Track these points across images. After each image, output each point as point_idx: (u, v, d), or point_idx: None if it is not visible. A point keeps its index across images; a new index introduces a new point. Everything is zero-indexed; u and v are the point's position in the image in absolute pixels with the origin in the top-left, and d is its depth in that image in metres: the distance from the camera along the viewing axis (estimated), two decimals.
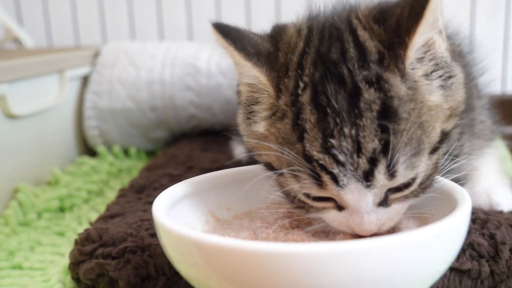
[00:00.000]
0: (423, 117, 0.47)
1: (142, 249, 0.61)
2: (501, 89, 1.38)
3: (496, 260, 0.57)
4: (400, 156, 0.45)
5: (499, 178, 0.76)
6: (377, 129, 0.45)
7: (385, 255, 0.41)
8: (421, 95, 0.48)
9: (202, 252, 0.42)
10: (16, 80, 0.99)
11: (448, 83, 0.50)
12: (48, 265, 0.74)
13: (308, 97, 0.47)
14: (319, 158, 0.46)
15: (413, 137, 0.46)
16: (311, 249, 0.39)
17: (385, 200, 0.49)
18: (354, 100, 0.46)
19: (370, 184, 0.46)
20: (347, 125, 0.45)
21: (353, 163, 0.45)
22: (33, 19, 1.50)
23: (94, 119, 1.20)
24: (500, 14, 1.35)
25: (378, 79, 0.46)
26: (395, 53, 0.47)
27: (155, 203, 0.50)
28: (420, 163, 0.47)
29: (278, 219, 0.56)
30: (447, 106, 0.50)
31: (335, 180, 0.46)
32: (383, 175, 0.46)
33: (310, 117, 0.47)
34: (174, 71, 1.18)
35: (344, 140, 0.45)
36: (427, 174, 0.49)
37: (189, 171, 0.93)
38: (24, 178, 1.00)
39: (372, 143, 0.45)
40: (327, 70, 0.47)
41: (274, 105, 0.50)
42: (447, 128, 0.50)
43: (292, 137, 0.48)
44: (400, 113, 0.46)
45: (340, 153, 0.45)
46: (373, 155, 0.45)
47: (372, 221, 0.48)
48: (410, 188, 0.49)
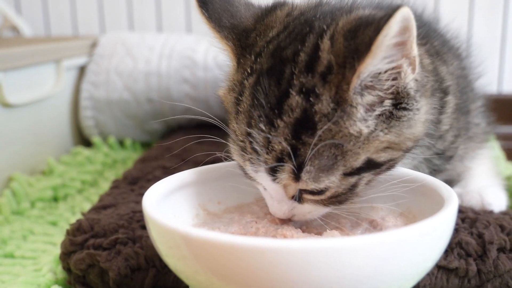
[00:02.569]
0: (342, 140, 0.47)
1: (133, 241, 0.61)
2: (497, 89, 1.38)
3: (484, 259, 0.58)
4: (306, 166, 0.47)
5: (492, 179, 0.76)
6: (289, 135, 0.47)
7: (371, 253, 0.41)
8: (350, 121, 0.47)
9: (190, 246, 0.42)
10: (12, 69, 0.99)
11: (399, 114, 0.48)
12: (40, 254, 0.74)
13: (251, 83, 0.50)
14: (241, 139, 0.50)
15: (325, 154, 0.47)
16: (297, 244, 0.40)
17: (299, 196, 0.51)
18: (280, 101, 0.47)
19: (274, 179, 0.49)
20: (264, 121, 0.48)
21: (263, 156, 0.48)
22: (31, 7, 1.49)
23: (90, 110, 1.20)
24: (498, 15, 1.35)
25: (311, 90, 0.47)
26: (344, 72, 0.46)
27: (146, 196, 0.50)
28: (327, 179, 0.48)
29: (268, 214, 0.56)
30: (384, 138, 0.48)
31: (251, 164, 0.50)
32: (287, 176, 0.48)
33: (245, 101, 0.49)
34: (171, 63, 1.18)
35: (258, 134, 0.48)
36: (340, 192, 0.50)
37: (184, 163, 0.93)
38: (18, 167, 1.00)
39: (280, 145, 0.47)
40: (273, 65, 0.49)
41: (232, 78, 0.53)
42: (379, 159, 0.49)
43: (233, 110, 0.51)
44: (317, 128, 0.46)
45: (255, 143, 0.48)
46: (280, 156, 0.47)
47: (282, 209, 0.52)
48: (320, 196, 0.50)
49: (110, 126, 1.21)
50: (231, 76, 0.54)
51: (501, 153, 1.07)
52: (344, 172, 0.48)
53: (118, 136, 1.23)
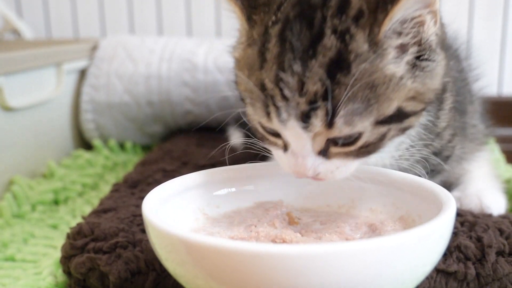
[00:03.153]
0: (376, 81, 0.48)
1: (133, 244, 0.62)
2: (497, 91, 1.39)
3: (482, 263, 0.58)
4: (340, 109, 0.47)
5: (491, 182, 0.77)
6: (323, 75, 0.47)
7: (370, 257, 0.41)
8: (383, 62, 0.48)
9: (189, 250, 0.42)
10: (13, 73, 0.99)
11: (422, 64, 0.51)
12: (41, 257, 0.75)
13: (277, 31, 0.49)
14: (269, 88, 0.49)
15: (360, 96, 0.47)
16: (296, 250, 0.40)
17: (325, 150, 0.50)
18: (314, 42, 0.47)
19: (307, 126, 0.48)
20: (298, 62, 0.47)
21: (295, 100, 0.47)
22: (32, 10, 1.50)
23: (90, 113, 1.20)
24: (498, 17, 1.35)
25: (345, 31, 0.47)
26: (376, 16, 0.48)
27: (145, 200, 0.51)
28: (361, 124, 0.48)
29: (268, 218, 0.56)
30: (412, 86, 0.50)
31: (279, 115, 0.48)
32: (320, 121, 0.48)
33: (272, 49, 0.49)
34: (172, 66, 1.19)
35: (291, 77, 0.47)
36: (370, 141, 0.50)
37: (184, 166, 0.94)
38: (19, 170, 1.00)
39: (315, 86, 0.47)
40: (302, 12, 0.49)
41: (248, 35, 0.53)
42: (406, 108, 0.51)
43: (255, 64, 0.50)
44: (351, 68, 0.47)
45: (286, 88, 0.47)
46: (313, 98, 0.47)
47: (307, 165, 0.50)
48: (350, 147, 0.50)
49: (110, 129, 1.22)
50: (245, 34, 0.54)
51: (501, 155, 1.07)
52: (377, 119, 0.49)
53: (118, 139, 1.23)
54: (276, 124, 0.50)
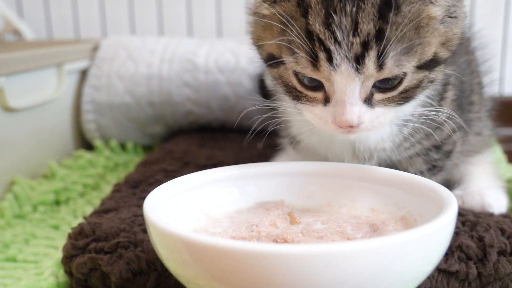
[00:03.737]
0: (421, 22, 0.50)
1: (134, 245, 0.62)
2: (499, 91, 1.39)
3: (484, 263, 0.58)
4: (391, 50, 0.48)
5: (493, 181, 0.77)
6: (376, 15, 0.48)
7: (371, 257, 0.41)
8: (429, 5, 0.51)
9: (191, 250, 0.42)
10: (14, 73, 0.99)
11: (452, 10, 0.53)
12: (42, 258, 0.75)
13: None
14: (319, 32, 0.49)
15: (407, 36, 0.49)
16: (297, 250, 0.40)
17: (370, 97, 0.51)
18: None
19: (360, 68, 0.49)
20: (350, 3, 0.48)
21: (348, 42, 0.48)
22: (33, 11, 1.50)
23: (91, 113, 1.20)
24: (499, 16, 1.35)
25: None
26: None
27: (147, 200, 0.51)
28: (407, 64, 0.50)
29: (269, 217, 0.56)
30: (443, 31, 0.52)
31: (329, 60, 0.49)
32: (373, 63, 0.49)
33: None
34: (173, 67, 1.19)
35: (344, 18, 0.48)
36: (410, 86, 0.52)
37: (185, 167, 0.94)
38: (20, 171, 1.01)
39: (368, 25, 0.48)
40: None
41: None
42: (439, 54, 0.53)
43: (296, 13, 0.50)
44: (402, 8, 0.49)
45: (339, 30, 0.48)
46: (367, 39, 0.48)
47: (354, 113, 0.51)
48: (392, 92, 0.52)
49: (111, 130, 1.22)
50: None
51: (502, 155, 1.07)
52: (419, 62, 0.51)
53: (119, 139, 1.23)
54: (325, 70, 0.50)
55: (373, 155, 0.63)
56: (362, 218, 0.57)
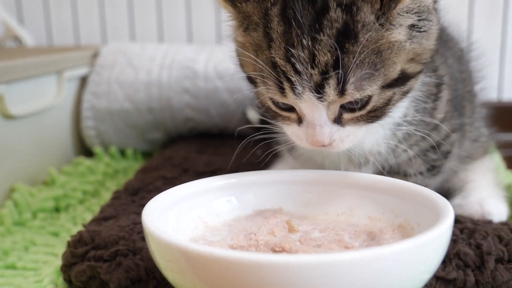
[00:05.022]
0: (382, 47, 0.51)
1: (133, 252, 0.62)
2: (497, 97, 1.39)
3: (482, 270, 0.58)
4: (350, 77, 0.50)
5: (493, 189, 0.77)
6: (332, 45, 0.50)
7: (368, 267, 0.42)
8: (389, 31, 0.52)
9: (188, 260, 0.43)
10: (15, 81, 0.99)
11: (421, 25, 0.54)
12: (42, 265, 0.75)
13: (277, 11, 0.52)
14: (281, 65, 0.51)
15: (367, 62, 0.50)
16: (294, 260, 0.40)
17: (339, 118, 0.54)
18: (319, 17, 0.50)
19: (321, 96, 0.51)
20: (306, 37, 0.50)
21: (308, 73, 0.50)
22: (34, 18, 1.50)
23: (91, 120, 1.21)
24: (497, 22, 1.36)
25: (350, 4, 0.50)
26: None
27: (145, 209, 0.51)
28: (370, 88, 0.51)
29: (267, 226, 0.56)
30: (410, 48, 0.53)
31: (293, 90, 0.51)
32: (333, 90, 0.51)
33: (277, 28, 0.52)
34: (172, 74, 1.19)
35: (302, 51, 0.50)
36: (377, 105, 0.54)
37: (184, 174, 0.94)
38: (20, 178, 1.01)
39: (325, 56, 0.50)
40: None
41: (242, 20, 0.55)
42: (408, 70, 0.54)
43: (263, 44, 0.53)
44: (359, 37, 0.50)
45: (298, 62, 0.50)
46: (325, 68, 0.50)
47: (325, 134, 0.54)
48: (360, 112, 0.53)
49: (111, 136, 1.22)
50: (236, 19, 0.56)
51: (501, 161, 1.07)
52: (384, 82, 0.52)
53: (119, 145, 1.23)
54: (291, 98, 0.52)
55: (369, 159, 0.64)
56: (360, 226, 0.57)
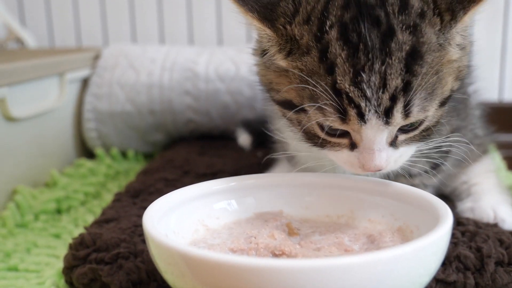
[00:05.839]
0: (442, 67, 0.52)
1: (134, 255, 0.62)
2: (498, 97, 1.39)
3: (481, 273, 0.58)
4: (416, 98, 0.50)
5: (502, 195, 0.76)
6: (402, 69, 0.49)
7: (368, 270, 0.42)
8: (448, 48, 0.53)
9: (189, 264, 0.43)
10: (16, 83, 1.00)
11: (463, 40, 0.55)
12: (44, 267, 0.75)
13: (336, 35, 0.51)
14: (349, 91, 0.50)
15: (430, 83, 0.50)
16: (294, 264, 0.40)
17: (394, 140, 0.54)
18: (386, 40, 0.50)
19: (389, 121, 0.50)
20: (378, 61, 0.49)
21: (377, 98, 0.49)
22: (35, 19, 1.51)
23: (93, 122, 1.21)
24: (498, 23, 1.36)
25: (414, 25, 0.50)
26: (454, 14, 0.52)
27: (146, 213, 0.51)
28: (431, 108, 0.52)
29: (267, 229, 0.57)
30: (457, 66, 0.55)
31: (359, 115, 0.50)
32: (400, 113, 0.50)
33: (340, 53, 0.50)
34: (173, 76, 1.20)
35: (373, 75, 0.49)
36: (431, 124, 0.55)
37: (185, 175, 0.94)
38: (22, 180, 1.01)
39: (396, 80, 0.49)
40: (360, 12, 0.51)
41: (283, 44, 0.54)
42: (454, 87, 0.55)
43: (319, 69, 0.51)
44: (425, 58, 0.50)
45: (368, 88, 0.49)
46: (394, 93, 0.49)
47: (383, 158, 0.53)
48: (414, 132, 0.54)
49: (113, 138, 1.22)
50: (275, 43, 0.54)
51: (502, 162, 1.07)
52: (439, 101, 0.53)
53: (120, 147, 1.24)
54: (355, 124, 0.51)
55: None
56: (360, 229, 0.57)
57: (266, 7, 0.55)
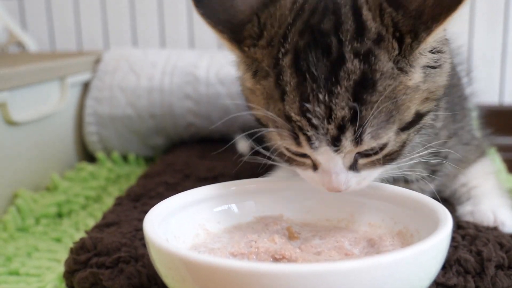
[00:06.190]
0: (399, 93, 0.49)
1: (135, 259, 0.62)
2: (499, 101, 1.39)
3: (482, 277, 0.58)
4: (367, 127, 0.48)
5: (502, 198, 0.76)
6: (349, 98, 0.48)
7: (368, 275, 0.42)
8: (406, 75, 0.50)
9: (189, 269, 0.43)
10: (17, 87, 1.00)
11: (436, 58, 0.52)
12: (45, 271, 0.75)
13: (289, 61, 0.50)
14: (296, 120, 0.49)
15: (384, 111, 0.49)
16: (294, 269, 0.40)
17: (355, 164, 0.52)
18: (335, 69, 0.48)
19: (338, 149, 0.50)
20: (322, 91, 0.48)
21: (324, 127, 0.49)
22: (36, 23, 1.51)
23: (94, 125, 1.21)
24: (499, 26, 1.36)
25: (367, 53, 0.48)
26: (416, 35, 0.49)
27: (147, 217, 0.51)
28: (385, 135, 0.50)
29: (267, 233, 0.57)
30: (425, 88, 0.51)
31: (309, 142, 0.50)
32: (350, 142, 0.49)
33: (290, 80, 0.49)
34: (174, 80, 1.20)
35: (318, 106, 0.48)
36: (394, 149, 0.52)
37: (186, 179, 0.94)
38: (23, 184, 1.01)
39: (342, 111, 0.48)
40: (313, 39, 0.50)
41: (250, 64, 0.54)
42: (422, 110, 0.53)
43: (274, 95, 0.51)
44: (377, 86, 0.48)
45: (314, 117, 0.48)
46: (342, 122, 0.48)
47: (341, 181, 0.52)
48: (375, 156, 0.52)
49: (113, 142, 1.23)
50: (243, 64, 0.55)
51: (502, 165, 1.07)
52: (399, 127, 0.51)
53: (121, 151, 1.24)
54: (307, 149, 0.51)
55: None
56: (360, 233, 0.57)
57: (236, 27, 0.54)
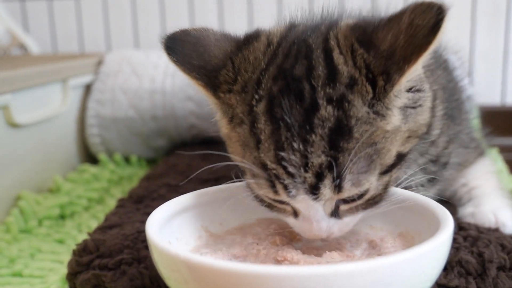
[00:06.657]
0: (377, 137, 0.48)
1: (138, 261, 0.62)
2: (501, 101, 1.39)
3: (483, 278, 0.58)
4: (346, 174, 0.46)
5: (503, 198, 0.76)
6: (326, 146, 0.46)
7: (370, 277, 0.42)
8: (384, 120, 0.48)
9: (191, 271, 0.43)
10: (20, 90, 1.01)
11: (415, 99, 0.51)
12: (48, 273, 0.76)
13: (263, 108, 0.49)
14: (272, 168, 0.48)
15: (363, 157, 0.47)
16: (297, 270, 0.41)
17: (336, 211, 0.50)
18: (309, 116, 0.47)
19: (317, 197, 0.48)
20: (297, 140, 0.46)
21: (301, 176, 0.47)
22: (39, 25, 1.52)
23: (96, 127, 1.22)
24: (500, 26, 1.36)
25: (341, 98, 0.47)
26: (389, 77, 0.47)
27: (149, 219, 0.52)
28: (367, 181, 0.48)
29: (269, 235, 0.57)
30: (406, 128, 0.50)
31: (286, 190, 0.48)
32: (329, 189, 0.47)
33: (264, 128, 0.48)
34: (176, 81, 1.20)
35: (293, 154, 0.46)
36: (376, 193, 0.50)
37: (188, 181, 0.94)
38: (26, 186, 1.02)
39: (319, 159, 0.46)
40: (286, 85, 0.48)
41: (226, 111, 0.53)
42: (404, 150, 0.51)
43: (250, 143, 0.49)
44: (353, 132, 0.46)
45: (290, 166, 0.47)
46: (319, 170, 0.46)
47: (322, 229, 0.50)
48: (357, 202, 0.50)
49: (116, 143, 1.23)
50: (219, 110, 0.54)
51: (504, 165, 1.07)
52: (380, 171, 0.49)
53: (124, 153, 1.25)
54: (285, 198, 0.49)
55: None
56: (361, 235, 0.57)
57: (211, 73, 0.53)
